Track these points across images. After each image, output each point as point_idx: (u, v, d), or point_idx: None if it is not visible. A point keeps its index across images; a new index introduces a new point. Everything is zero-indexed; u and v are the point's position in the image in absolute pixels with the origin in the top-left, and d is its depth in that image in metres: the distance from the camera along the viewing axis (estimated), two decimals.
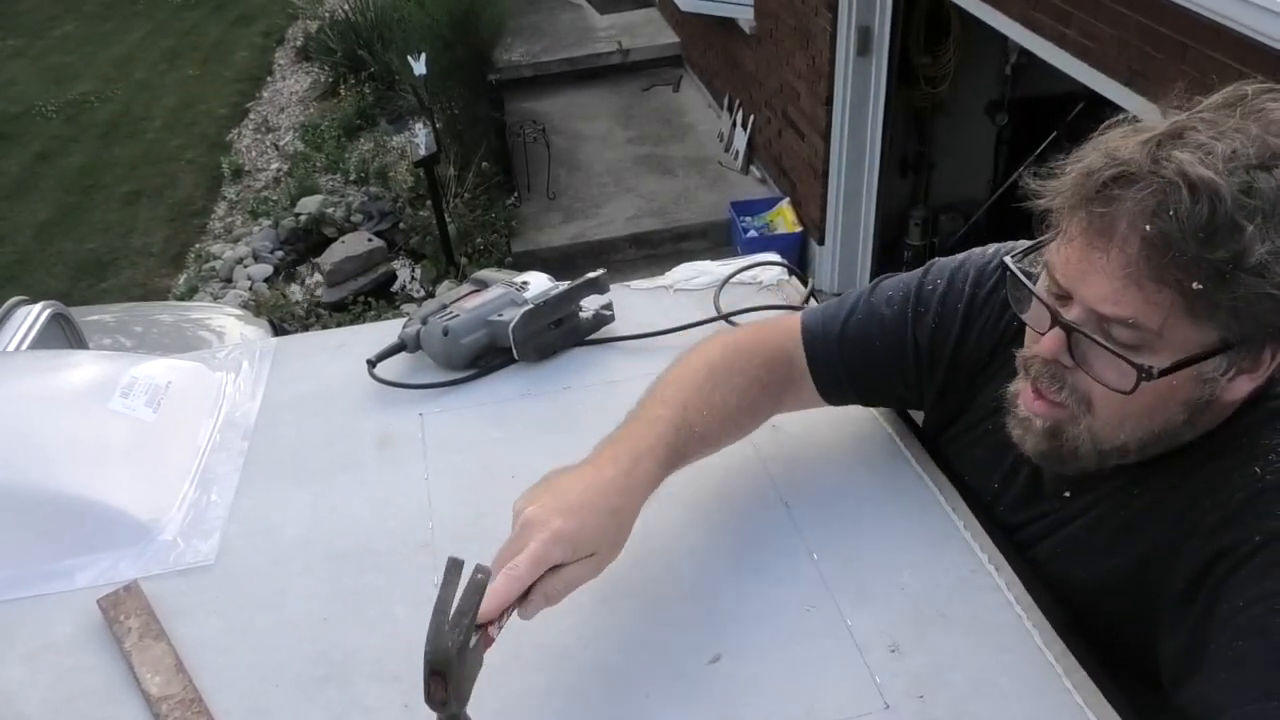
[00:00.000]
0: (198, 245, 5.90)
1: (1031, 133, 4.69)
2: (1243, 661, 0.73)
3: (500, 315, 1.28)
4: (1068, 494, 0.94)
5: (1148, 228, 0.73)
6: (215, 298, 5.23)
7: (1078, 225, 0.78)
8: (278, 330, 4.06)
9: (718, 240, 5.51)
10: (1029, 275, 0.86)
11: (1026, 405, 0.88)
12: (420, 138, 5.00)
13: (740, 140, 5.95)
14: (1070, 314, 0.80)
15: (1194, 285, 0.72)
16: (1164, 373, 0.76)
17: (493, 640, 0.79)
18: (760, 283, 1.45)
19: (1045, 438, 0.87)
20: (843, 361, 1.05)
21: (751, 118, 5.81)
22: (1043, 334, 0.83)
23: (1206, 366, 0.77)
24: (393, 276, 5.34)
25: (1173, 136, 0.74)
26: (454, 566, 0.77)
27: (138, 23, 9.90)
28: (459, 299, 1.32)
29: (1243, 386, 0.79)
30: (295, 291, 5.29)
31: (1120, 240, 0.75)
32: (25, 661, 0.94)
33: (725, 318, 1.36)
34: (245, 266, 5.51)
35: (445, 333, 1.25)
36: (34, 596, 1.01)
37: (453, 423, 1.22)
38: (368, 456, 1.15)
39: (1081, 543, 0.92)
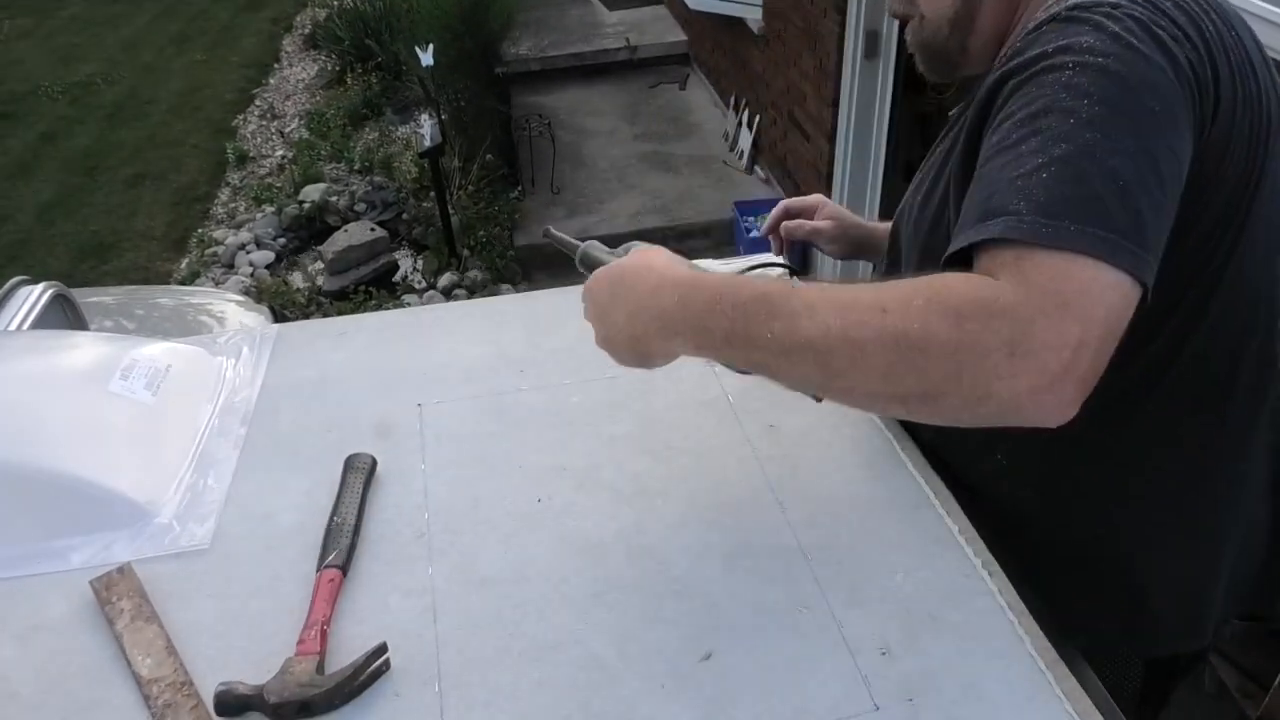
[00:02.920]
0: (200, 230, 5.89)
1: None
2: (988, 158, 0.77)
3: None
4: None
5: None
6: (217, 283, 5.22)
7: None
8: (278, 317, 4.06)
9: (720, 239, 5.51)
10: None
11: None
12: (426, 129, 4.99)
13: (745, 140, 5.94)
14: None
15: None
16: None
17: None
18: None
19: (918, 49, 1.03)
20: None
21: (757, 118, 5.81)
22: None
23: None
24: (395, 267, 5.32)
25: None
26: None
27: (146, 6, 9.89)
28: None
29: None
30: (297, 279, 5.28)
31: None
32: (17, 640, 0.94)
33: None
34: (247, 253, 5.50)
35: None
36: (28, 576, 1.01)
37: (450, 414, 1.22)
38: (366, 445, 1.15)
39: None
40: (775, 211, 1.45)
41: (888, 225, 1.27)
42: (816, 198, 1.47)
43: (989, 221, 0.72)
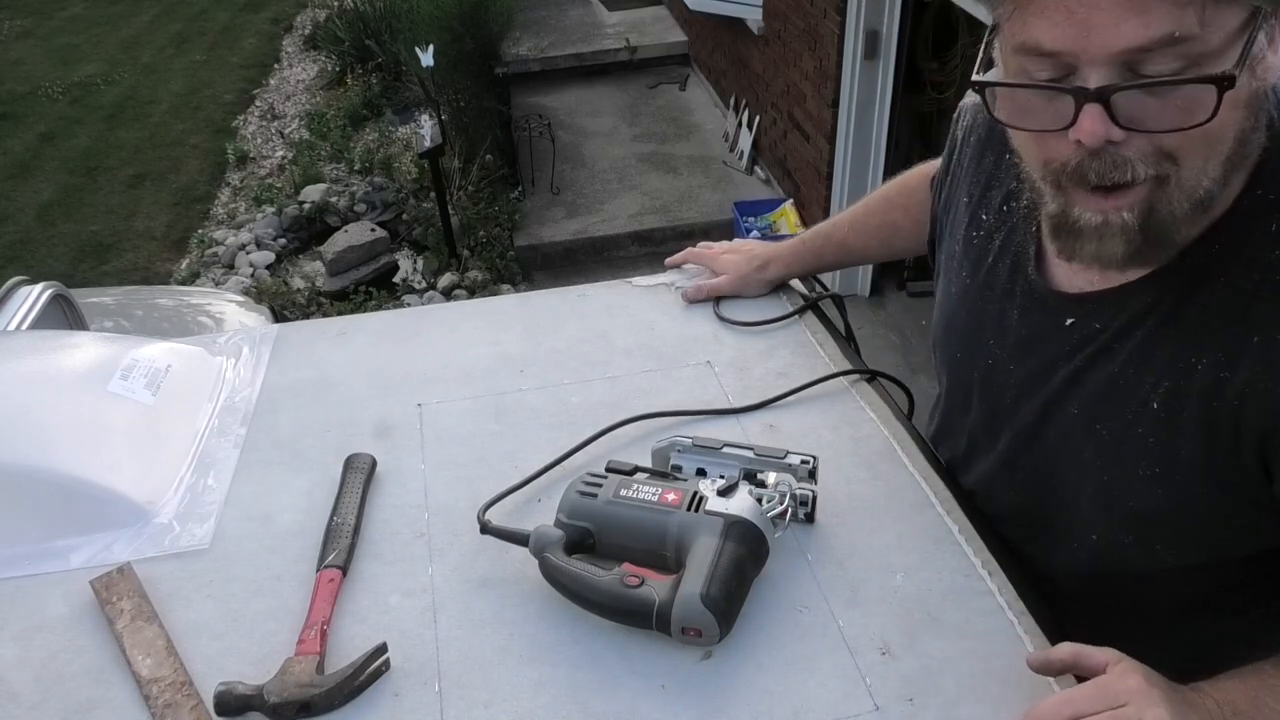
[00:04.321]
0: (200, 230, 5.89)
1: None
2: None
3: None
4: (1070, 321, 0.86)
5: None
6: (217, 283, 5.22)
7: None
8: (278, 317, 4.06)
9: (720, 239, 5.51)
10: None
11: (1097, 209, 0.74)
12: (426, 129, 4.99)
13: (745, 141, 5.94)
14: (1090, 81, 0.67)
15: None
16: (1238, 67, 0.65)
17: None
18: None
19: (1139, 228, 0.73)
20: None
21: (757, 118, 5.81)
22: (1069, 126, 0.69)
23: (1255, 46, 0.65)
24: (395, 267, 5.32)
25: None
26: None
27: (146, 6, 9.89)
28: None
29: (1275, 63, 0.67)
30: (297, 280, 5.28)
31: None
32: (17, 640, 0.94)
33: (725, 320, 1.37)
34: (247, 253, 5.50)
35: None
36: (27, 576, 1.01)
37: (450, 414, 1.22)
38: (366, 445, 1.15)
39: (1115, 377, 0.82)
40: (680, 256, 1.50)
41: (826, 234, 1.40)
42: (723, 245, 1.49)
43: None
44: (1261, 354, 0.74)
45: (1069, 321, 0.89)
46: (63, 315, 2.50)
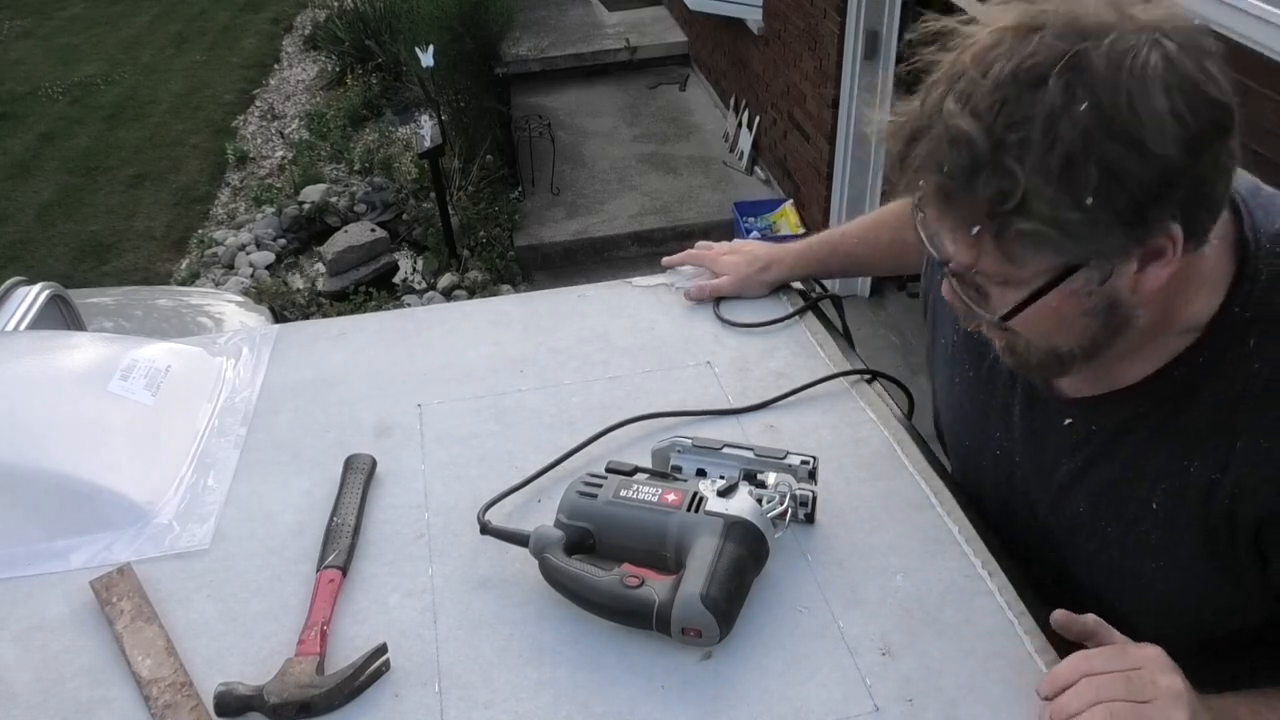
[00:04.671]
0: (200, 230, 5.89)
1: None
2: None
3: None
4: (1068, 421, 0.93)
5: (934, 181, 0.74)
6: (217, 284, 5.22)
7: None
8: (278, 318, 4.06)
9: (720, 240, 5.50)
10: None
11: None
12: (425, 129, 4.99)
13: (745, 141, 5.94)
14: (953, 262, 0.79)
15: (974, 230, 0.73)
16: (1005, 317, 0.79)
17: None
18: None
19: (1008, 356, 0.88)
20: None
21: (757, 119, 5.81)
22: None
23: (1074, 285, 0.75)
24: (394, 267, 5.32)
25: (952, 79, 0.73)
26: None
27: (146, 6, 9.88)
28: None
29: (1158, 275, 0.75)
30: (296, 280, 5.28)
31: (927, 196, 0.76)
32: (17, 641, 0.94)
33: (725, 321, 1.37)
34: (247, 253, 5.50)
35: None
36: (27, 576, 1.01)
37: (450, 414, 1.22)
38: (366, 446, 1.15)
39: (1116, 477, 0.90)
40: (679, 257, 1.48)
41: (833, 245, 1.39)
42: (724, 246, 1.47)
43: None
44: (1246, 457, 0.81)
45: (1067, 422, 0.94)
46: (60, 316, 2.50)
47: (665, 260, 1.48)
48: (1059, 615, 0.86)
